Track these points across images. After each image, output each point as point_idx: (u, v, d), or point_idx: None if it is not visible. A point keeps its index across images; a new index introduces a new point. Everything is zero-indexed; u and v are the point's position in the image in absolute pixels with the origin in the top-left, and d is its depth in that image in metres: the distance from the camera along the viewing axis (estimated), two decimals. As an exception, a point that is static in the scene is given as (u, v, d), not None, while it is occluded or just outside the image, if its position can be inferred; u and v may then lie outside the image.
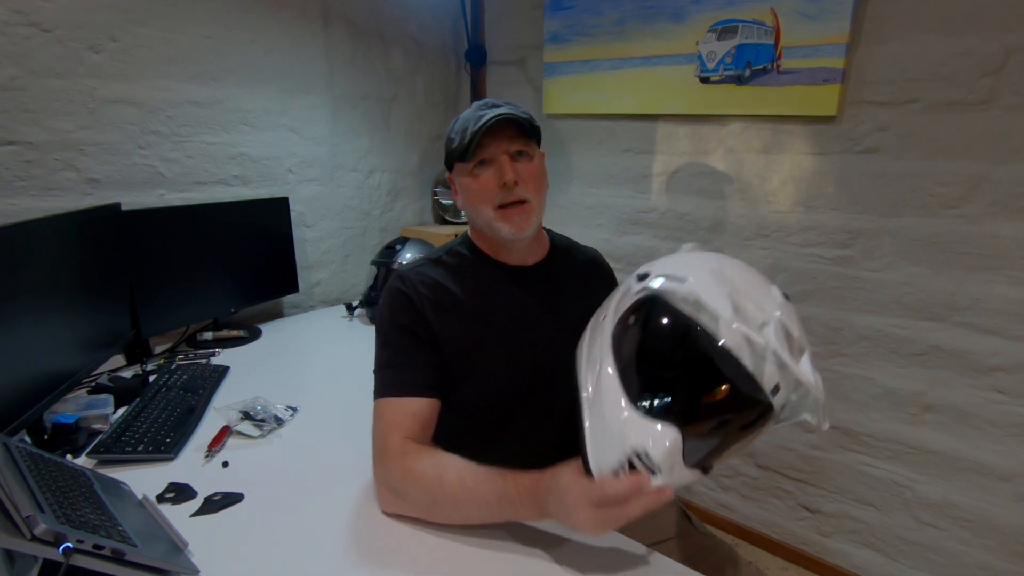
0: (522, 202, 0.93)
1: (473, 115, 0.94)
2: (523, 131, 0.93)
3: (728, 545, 0.99)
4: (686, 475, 0.66)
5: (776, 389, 0.65)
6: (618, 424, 0.67)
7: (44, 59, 1.40)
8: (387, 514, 0.89)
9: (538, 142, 0.98)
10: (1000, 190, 1.35)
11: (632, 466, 0.66)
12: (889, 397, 1.58)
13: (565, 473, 0.73)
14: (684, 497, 2.03)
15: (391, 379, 0.92)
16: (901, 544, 1.62)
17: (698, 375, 0.68)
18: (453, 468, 0.83)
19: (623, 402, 0.68)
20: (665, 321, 0.70)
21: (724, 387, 0.66)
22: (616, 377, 0.70)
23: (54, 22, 1.40)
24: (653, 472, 0.65)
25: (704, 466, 0.67)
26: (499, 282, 1.00)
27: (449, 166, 1.00)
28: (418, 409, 0.89)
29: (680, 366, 0.69)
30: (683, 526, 1.02)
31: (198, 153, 1.70)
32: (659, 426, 0.65)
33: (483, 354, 0.94)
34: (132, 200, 1.56)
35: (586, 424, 0.71)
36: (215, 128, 1.73)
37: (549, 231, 1.11)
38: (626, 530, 0.94)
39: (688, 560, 0.83)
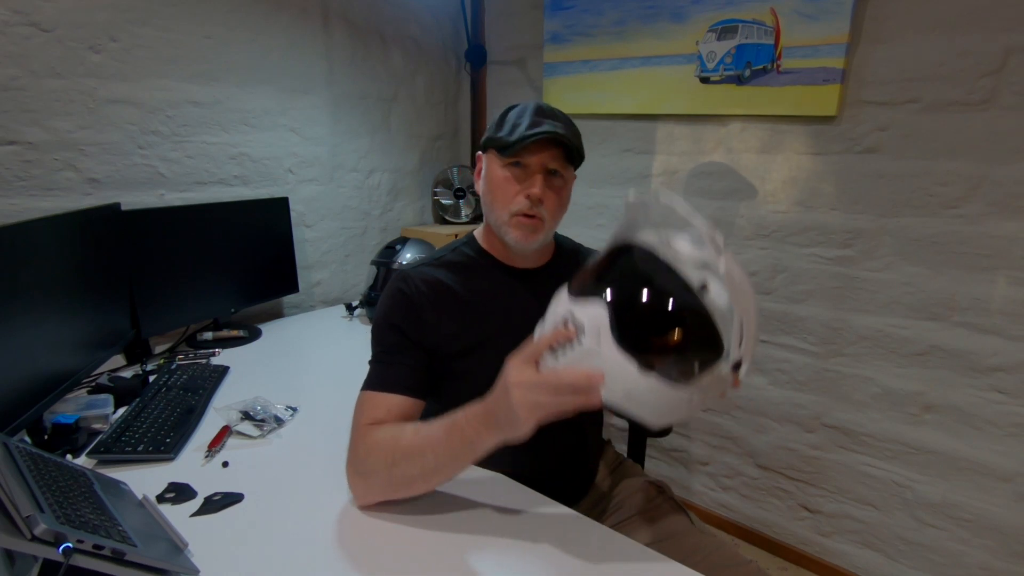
0: (537, 218, 0.94)
1: (530, 117, 0.94)
2: (566, 153, 0.94)
3: (728, 545, 0.99)
4: (617, 355, 0.69)
5: (704, 287, 0.69)
6: (561, 306, 0.77)
7: (44, 59, 1.40)
8: (363, 509, 0.90)
9: (576, 167, 0.99)
10: (1000, 190, 1.35)
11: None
12: (889, 397, 1.58)
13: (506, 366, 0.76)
14: (684, 497, 2.03)
15: (376, 374, 0.94)
16: (901, 544, 1.62)
17: (632, 276, 0.75)
18: (410, 427, 0.86)
19: (565, 294, 0.78)
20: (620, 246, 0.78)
21: (655, 286, 0.73)
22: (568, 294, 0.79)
23: (54, 22, 1.40)
24: (580, 331, 0.71)
25: (641, 355, 0.69)
26: (501, 283, 1.01)
27: (483, 147, 1.00)
28: (395, 405, 0.90)
29: (620, 271, 0.77)
30: (683, 526, 1.02)
31: (198, 153, 1.70)
32: (590, 302, 0.73)
33: (483, 354, 0.95)
34: (132, 200, 1.56)
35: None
36: (215, 128, 1.73)
37: (556, 234, 1.11)
38: (626, 530, 0.94)
39: (688, 560, 0.83)
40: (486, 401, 0.78)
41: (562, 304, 0.76)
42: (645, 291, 0.73)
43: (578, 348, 0.71)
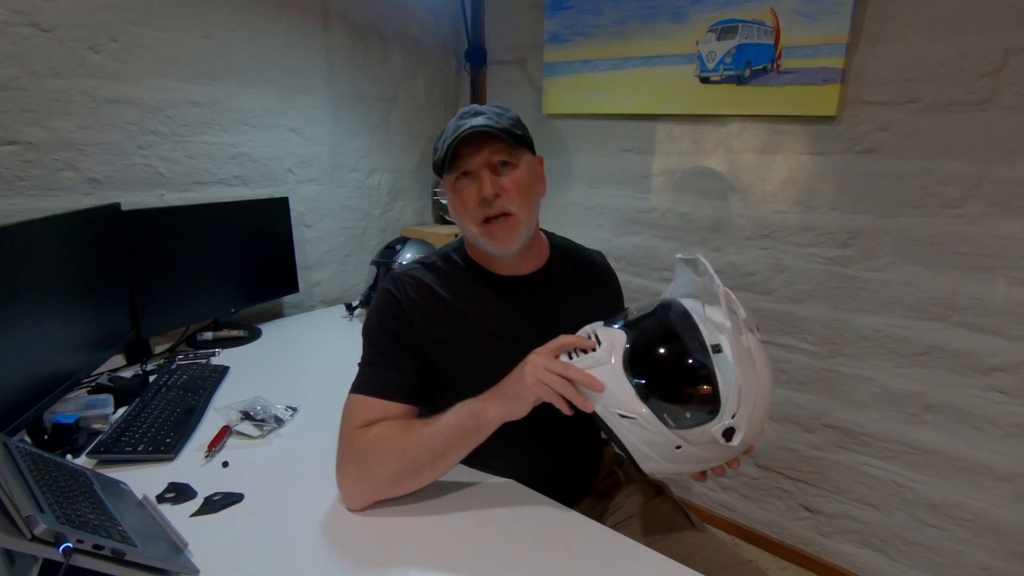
0: (506, 215, 0.91)
1: (453, 124, 0.92)
2: (505, 141, 0.89)
3: (728, 545, 0.98)
4: (621, 374, 0.78)
5: (718, 348, 0.77)
6: (588, 327, 0.87)
7: (44, 59, 1.40)
8: (355, 512, 0.89)
9: (530, 148, 0.95)
10: (1000, 190, 1.35)
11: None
12: (889, 397, 1.58)
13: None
14: (684, 497, 2.03)
15: (368, 377, 0.93)
16: (901, 544, 1.62)
17: (663, 332, 0.83)
18: (417, 420, 0.90)
19: (599, 322, 0.87)
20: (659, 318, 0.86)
21: (673, 332, 0.81)
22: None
23: (54, 22, 1.40)
24: (598, 344, 0.81)
25: (643, 384, 0.77)
26: (490, 292, 0.99)
27: (438, 175, 0.98)
28: (391, 410, 0.90)
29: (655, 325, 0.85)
30: (683, 526, 1.02)
31: (198, 153, 1.70)
32: (614, 328, 0.83)
33: (470, 361, 0.94)
34: (132, 200, 1.56)
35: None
36: (215, 128, 1.73)
37: (551, 235, 1.09)
38: (626, 530, 0.94)
39: (688, 560, 0.83)
40: (500, 384, 0.85)
41: (590, 325, 0.86)
42: (663, 333, 0.82)
43: (591, 355, 0.80)
